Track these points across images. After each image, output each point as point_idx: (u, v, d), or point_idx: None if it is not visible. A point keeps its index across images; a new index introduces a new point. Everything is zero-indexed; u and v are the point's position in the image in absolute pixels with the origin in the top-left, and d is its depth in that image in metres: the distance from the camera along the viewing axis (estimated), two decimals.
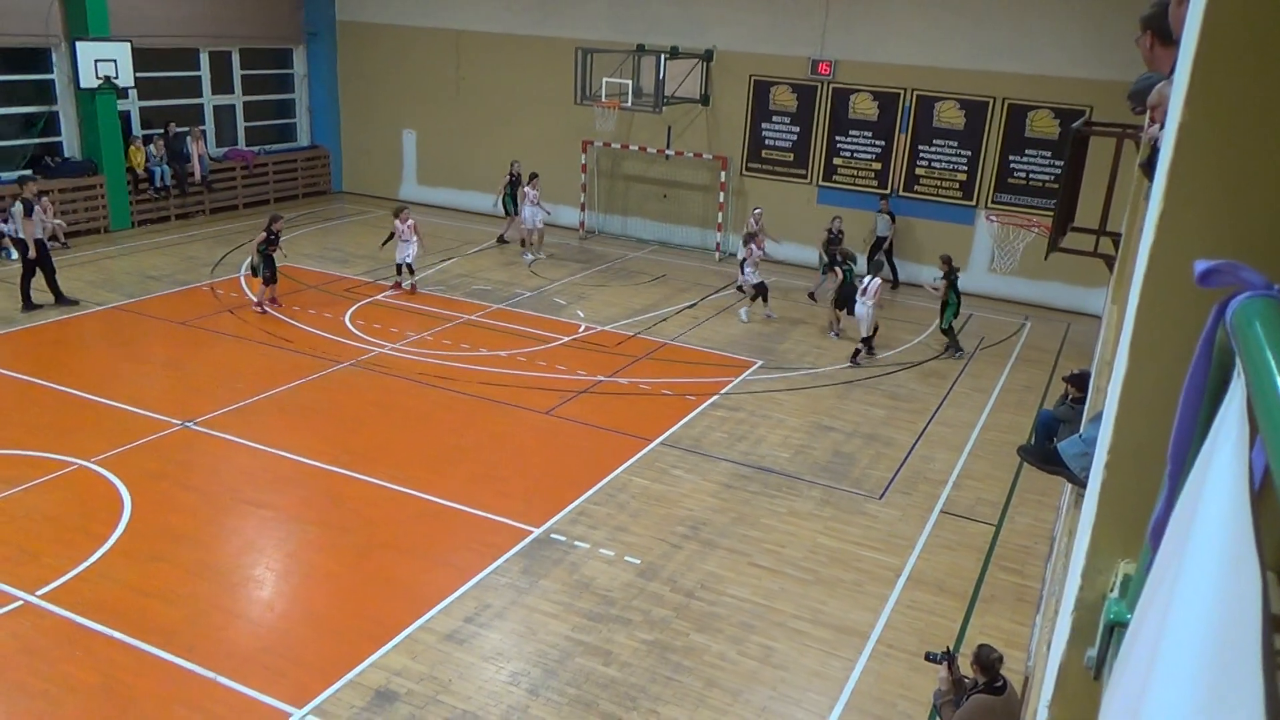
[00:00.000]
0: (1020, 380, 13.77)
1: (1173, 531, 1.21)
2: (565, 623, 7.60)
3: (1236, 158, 1.59)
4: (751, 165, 19.40)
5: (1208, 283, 1.30)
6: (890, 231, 17.76)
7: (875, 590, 8.34)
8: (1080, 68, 16.29)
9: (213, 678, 6.74)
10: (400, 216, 15.71)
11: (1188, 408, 1.31)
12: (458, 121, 21.90)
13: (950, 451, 11.25)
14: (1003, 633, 7.66)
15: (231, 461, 10.00)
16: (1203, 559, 0.95)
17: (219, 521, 8.94)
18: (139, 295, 15.14)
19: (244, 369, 12.45)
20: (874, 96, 18.14)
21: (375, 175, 23.31)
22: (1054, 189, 16.28)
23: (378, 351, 13.21)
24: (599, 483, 9.89)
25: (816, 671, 7.25)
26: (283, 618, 7.62)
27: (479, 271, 17.52)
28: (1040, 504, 9.98)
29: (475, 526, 8.97)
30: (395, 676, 6.88)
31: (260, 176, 21.74)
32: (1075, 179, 9.34)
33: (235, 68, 21.46)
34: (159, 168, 19.39)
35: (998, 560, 8.96)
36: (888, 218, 17.72)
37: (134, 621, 7.28)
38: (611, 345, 14.07)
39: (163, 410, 10.94)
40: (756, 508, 9.62)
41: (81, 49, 17.66)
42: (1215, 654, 0.77)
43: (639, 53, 18.73)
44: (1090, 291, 16.50)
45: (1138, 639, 1.21)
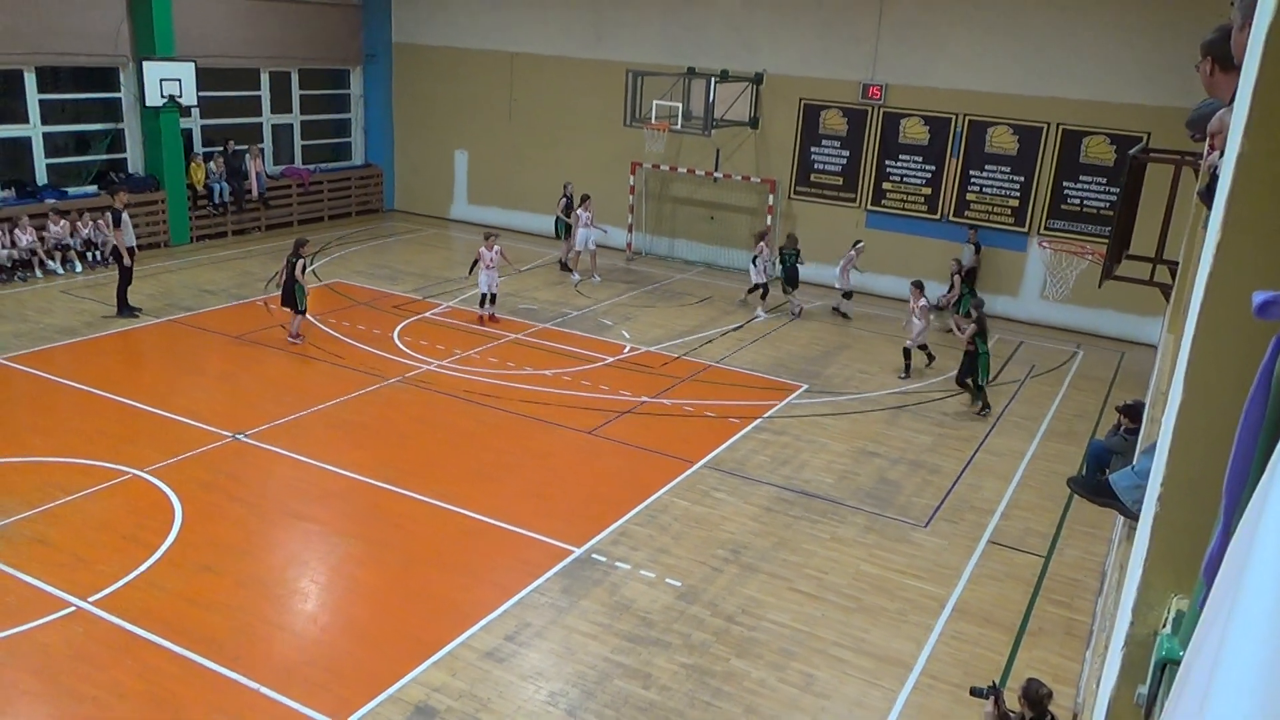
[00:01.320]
0: (1071, 409, 13.52)
1: (1228, 567, 1.18)
2: (604, 644, 7.58)
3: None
4: (800, 189, 19.37)
5: (1266, 314, 1.27)
6: (975, 261, 17.45)
7: (919, 620, 8.20)
8: (1137, 93, 16.06)
9: (256, 688, 6.82)
10: (488, 243, 15.32)
11: (1244, 440, 1.29)
12: (509, 142, 22.18)
13: (999, 480, 11.07)
14: (1050, 667, 7.49)
15: (279, 474, 10.16)
16: (1258, 596, 0.93)
17: (266, 533, 9.07)
18: (196, 309, 15.49)
19: (294, 383, 12.66)
20: (925, 121, 18.03)
21: (427, 194, 23.67)
22: (1109, 216, 16.03)
23: (425, 368, 13.36)
24: (641, 504, 9.87)
25: (858, 701, 7.14)
26: (325, 630, 7.70)
27: (526, 291, 17.66)
28: (1091, 536, 9.76)
29: (517, 545, 9.00)
30: (435, 693, 6.90)
31: (315, 194, 22.18)
32: (1131, 206, 9.19)
33: (294, 88, 21.97)
34: (218, 184, 19.88)
35: (1046, 593, 8.77)
36: (973, 248, 17.44)
37: (181, 630, 7.40)
38: (656, 366, 14.08)
39: (215, 422, 11.16)
40: (799, 532, 9.54)
41: (148, 68, 18.21)
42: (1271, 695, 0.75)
43: (689, 75, 18.83)
44: (1145, 320, 16.19)
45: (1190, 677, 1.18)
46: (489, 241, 15.39)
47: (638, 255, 20.80)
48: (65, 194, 17.90)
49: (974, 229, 17.62)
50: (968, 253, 17.50)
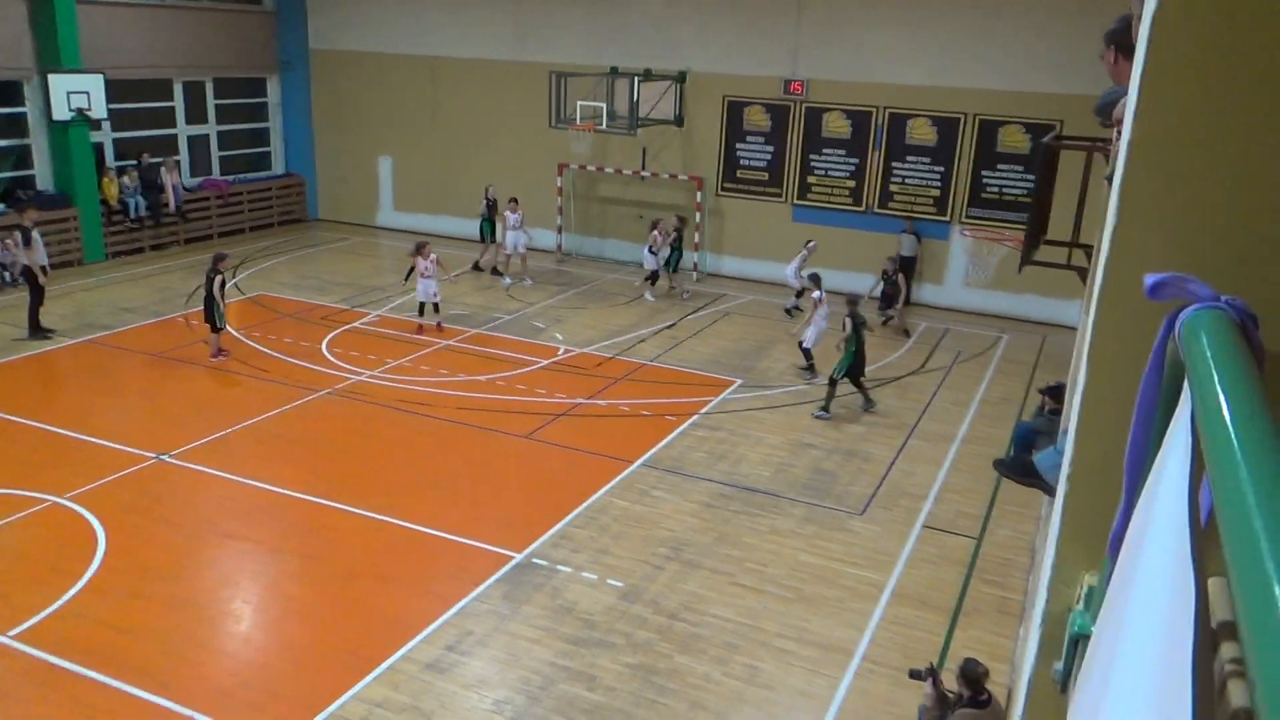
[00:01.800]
0: (998, 393, 13.85)
1: (1128, 545, 1.21)
2: (548, 648, 7.54)
3: (1185, 172, 1.62)
4: (727, 185, 19.51)
5: (1158, 295, 1.32)
6: (915, 252, 17.79)
7: (859, 607, 8.33)
8: (1050, 82, 16.51)
9: (190, 715, 6.64)
10: (422, 252, 15.04)
11: (1141, 420, 1.33)
12: (434, 147, 21.93)
13: (930, 465, 11.29)
14: (986, 645, 7.66)
15: (207, 494, 9.90)
16: (1152, 574, 0.96)
17: (195, 555, 8.83)
18: (114, 327, 15.01)
19: (219, 400, 12.35)
20: (846, 115, 18.30)
21: (352, 202, 23.27)
22: (1026, 203, 16.45)
23: (355, 379, 13.14)
24: (580, 506, 9.85)
25: (802, 690, 7.22)
26: (261, 651, 7.52)
27: (457, 296, 17.48)
28: (1021, 516, 10.02)
29: (456, 553, 8.90)
30: (376, 708, 6.79)
31: (235, 206, 21.66)
32: (1047, 193, 9.44)
33: (209, 97, 21.42)
34: (133, 199, 19.28)
35: (979, 573, 8.98)
36: (914, 238, 17.76)
37: (109, 660, 7.16)
38: (590, 367, 14.05)
39: (137, 444, 10.83)
40: (738, 527, 9.61)
41: (54, 81, 17.58)
42: (1160, 670, 0.78)
43: (613, 75, 18.84)
44: (1065, 303, 16.65)
45: (1097, 652, 1.22)
46: (424, 250, 15.14)
47: (568, 257, 20.75)
48: None
49: (910, 219, 17.94)
50: (908, 242, 17.79)
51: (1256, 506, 0.73)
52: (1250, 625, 0.61)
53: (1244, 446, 0.83)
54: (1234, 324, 1.21)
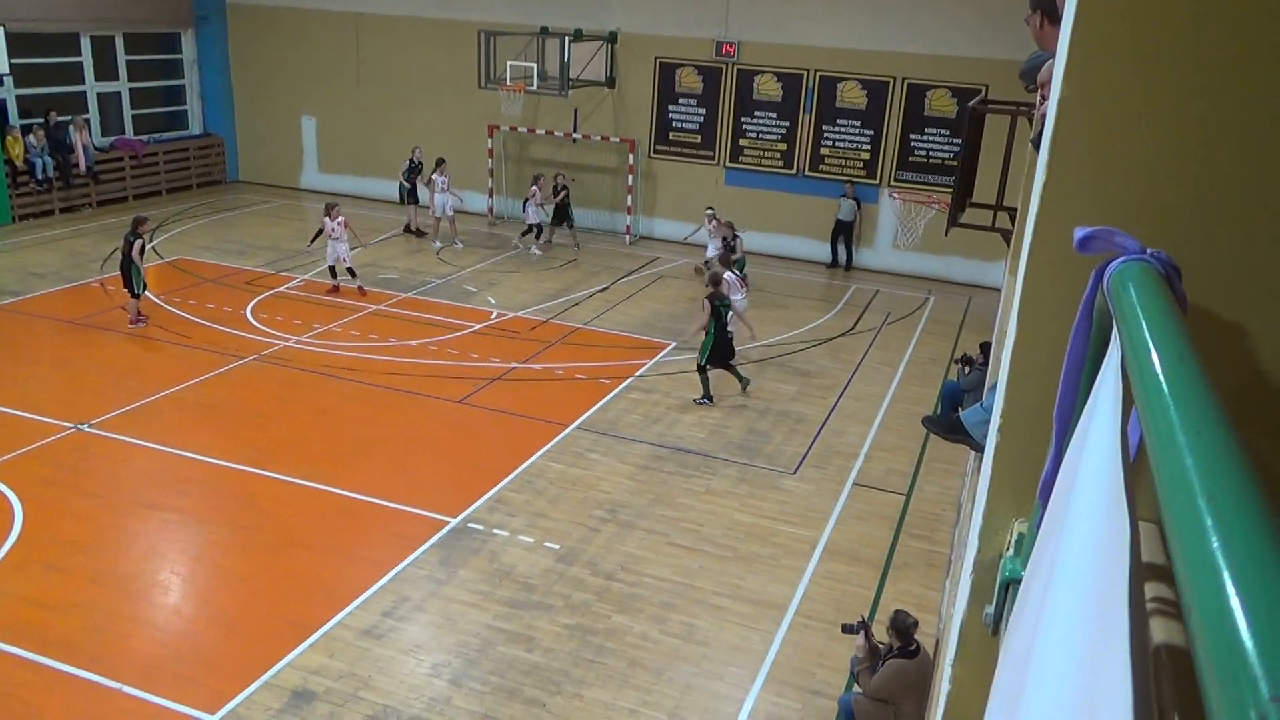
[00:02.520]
0: (926, 353, 14.16)
1: (1059, 489, 1.26)
2: (486, 612, 7.55)
3: (1112, 130, 1.66)
4: (659, 148, 19.44)
5: (1086, 249, 1.35)
6: (854, 216, 17.93)
7: (792, 563, 8.50)
8: (976, 47, 16.75)
9: (118, 688, 6.50)
10: (331, 214, 14.76)
11: (1071, 370, 1.37)
12: (359, 107, 21.38)
13: (861, 425, 11.52)
14: (914, 598, 7.90)
15: (130, 464, 9.63)
16: (1083, 515, 0.99)
17: (119, 527, 8.60)
18: (23, 293, 14.41)
19: (140, 367, 11.98)
20: (778, 78, 18.34)
21: (274, 163, 22.60)
22: (953, 166, 16.73)
23: (281, 345, 12.86)
24: (515, 470, 9.83)
25: (737, 646, 7.36)
26: (192, 623, 7.38)
27: (385, 260, 17.18)
28: (947, 472, 10.30)
29: (390, 519, 8.83)
30: (313, 675, 6.74)
31: (150, 167, 20.88)
32: (973, 156, 9.61)
33: (120, 53, 20.52)
34: (40, 159, 18.44)
35: (908, 529, 9.22)
36: (853, 202, 17.88)
37: (31, 635, 6.96)
38: (524, 331, 13.97)
39: (53, 413, 10.45)
40: (673, 488, 9.70)
41: None
42: (1092, 607, 0.81)
43: (543, 35, 18.55)
44: (990, 265, 17.04)
45: (1028, 594, 1.26)
46: (333, 211, 14.84)
47: (500, 220, 20.50)
48: None
49: (850, 183, 18.07)
50: (846, 206, 17.95)
51: (1187, 446, 0.76)
52: (1183, 557, 0.64)
53: (1173, 389, 0.86)
54: (1159, 275, 1.25)
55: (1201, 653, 0.55)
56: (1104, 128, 1.67)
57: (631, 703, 6.66)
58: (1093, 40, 1.67)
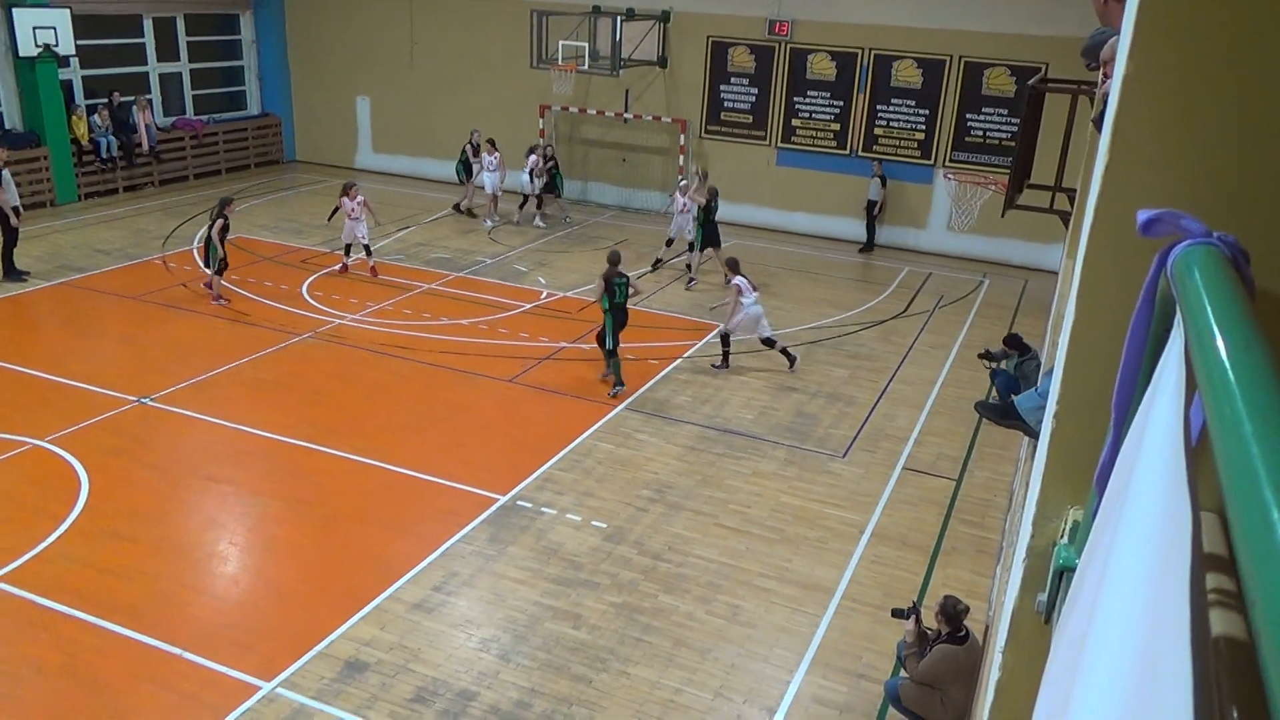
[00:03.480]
0: (979, 336, 13.92)
1: (1116, 477, 1.23)
2: (534, 588, 7.64)
3: (1179, 110, 1.61)
4: (711, 128, 19.31)
5: (1150, 232, 1.32)
6: (881, 196, 17.73)
7: (839, 547, 8.46)
8: (1036, 24, 16.35)
9: (179, 654, 6.70)
10: (349, 193, 14.87)
11: (1131, 356, 1.34)
12: (413, 87, 21.54)
13: (911, 409, 11.39)
14: (963, 584, 7.82)
15: (190, 437, 9.87)
16: (1143, 503, 0.97)
17: (179, 498, 8.84)
18: (89, 270, 14.81)
19: (200, 343, 12.26)
20: (832, 56, 18.09)
21: (329, 143, 22.90)
22: (1010, 146, 16.39)
23: (337, 323, 13.06)
24: (564, 449, 9.90)
25: (783, 628, 7.36)
26: (248, 592, 7.58)
27: (437, 240, 17.34)
28: (1000, 458, 10.16)
29: (440, 496, 8.95)
30: (365, 647, 6.88)
31: (210, 146, 21.27)
32: (1031, 136, 9.41)
33: (180, 34, 20.90)
34: (105, 138, 18.89)
35: (958, 514, 9.12)
36: (879, 181, 17.67)
37: (96, 600, 7.20)
38: (574, 311, 14.02)
39: (118, 387, 10.76)
40: (721, 469, 9.69)
41: (18, 15, 17.09)
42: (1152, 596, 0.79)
43: (595, 14, 18.49)
44: (1047, 248, 16.70)
45: (1083, 582, 1.24)
46: (351, 191, 14.88)
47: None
48: None
49: (879, 162, 17.83)
50: (874, 187, 17.75)
51: (1253, 434, 0.74)
52: (1249, 549, 0.62)
53: (1239, 377, 0.84)
54: (1226, 259, 1.21)
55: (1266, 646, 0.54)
56: (1170, 107, 1.63)
57: (677, 681, 6.70)
58: (1159, 16, 1.62)
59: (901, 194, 18.06)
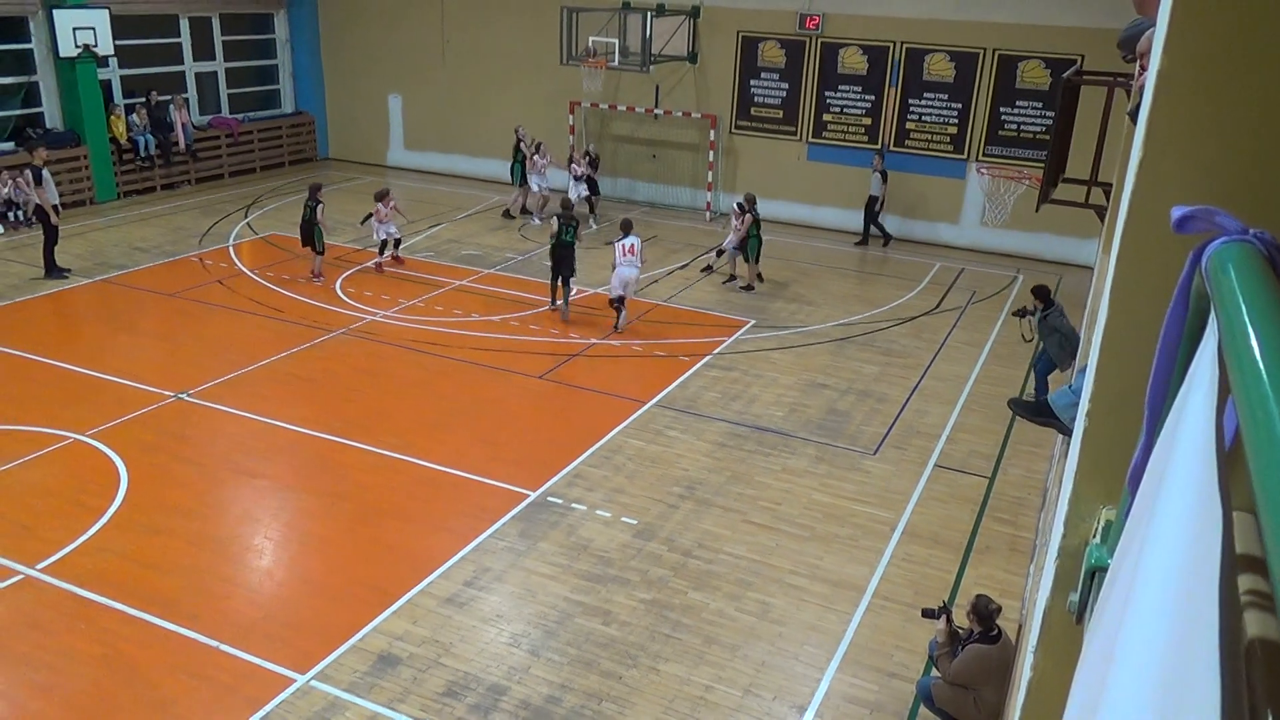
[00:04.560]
0: (1012, 333, 13.77)
1: (1149, 476, 1.22)
2: (564, 584, 7.67)
3: (1215, 104, 1.59)
4: (741, 123, 19.26)
5: (1185, 228, 1.30)
6: (881, 191, 17.40)
7: (870, 544, 8.42)
8: (1071, 15, 16.13)
9: (215, 645, 6.81)
10: (384, 200, 15.13)
11: (1165, 353, 1.32)
12: (444, 85, 21.67)
13: (943, 406, 11.30)
14: (996, 583, 7.75)
15: (226, 432, 10.01)
16: (1175, 504, 0.96)
17: (215, 492, 8.97)
18: (128, 267, 15.06)
19: (235, 339, 12.43)
20: (863, 50, 17.96)
21: (362, 141, 23.10)
22: (1045, 140, 16.19)
23: (369, 319, 13.18)
24: (594, 445, 9.93)
25: (813, 625, 7.34)
26: (283, 585, 7.68)
27: (468, 237, 17.43)
28: (1033, 455, 10.05)
29: (472, 491, 9.01)
30: (397, 641, 6.95)
31: (245, 144, 21.53)
32: (1066, 130, 9.29)
33: (216, 33, 21.16)
34: (143, 137, 19.18)
35: (991, 512, 9.04)
36: (879, 177, 17.35)
37: (134, 592, 7.33)
38: (604, 308, 14.04)
39: (156, 382, 10.93)
40: (752, 466, 9.68)
41: (59, 16, 17.40)
42: (1182, 598, 0.79)
43: (625, 10, 18.49)
44: (1082, 242, 16.49)
45: (1115, 583, 1.23)
46: (385, 199, 15.19)
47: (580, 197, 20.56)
48: None
49: (880, 156, 17.44)
50: (875, 182, 17.35)
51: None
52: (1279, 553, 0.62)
53: (1273, 376, 0.83)
54: (1262, 257, 1.19)
55: None
56: (1206, 100, 1.60)
57: (707, 679, 6.70)
58: (1196, 7, 1.60)
59: (934, 188, 17.89)
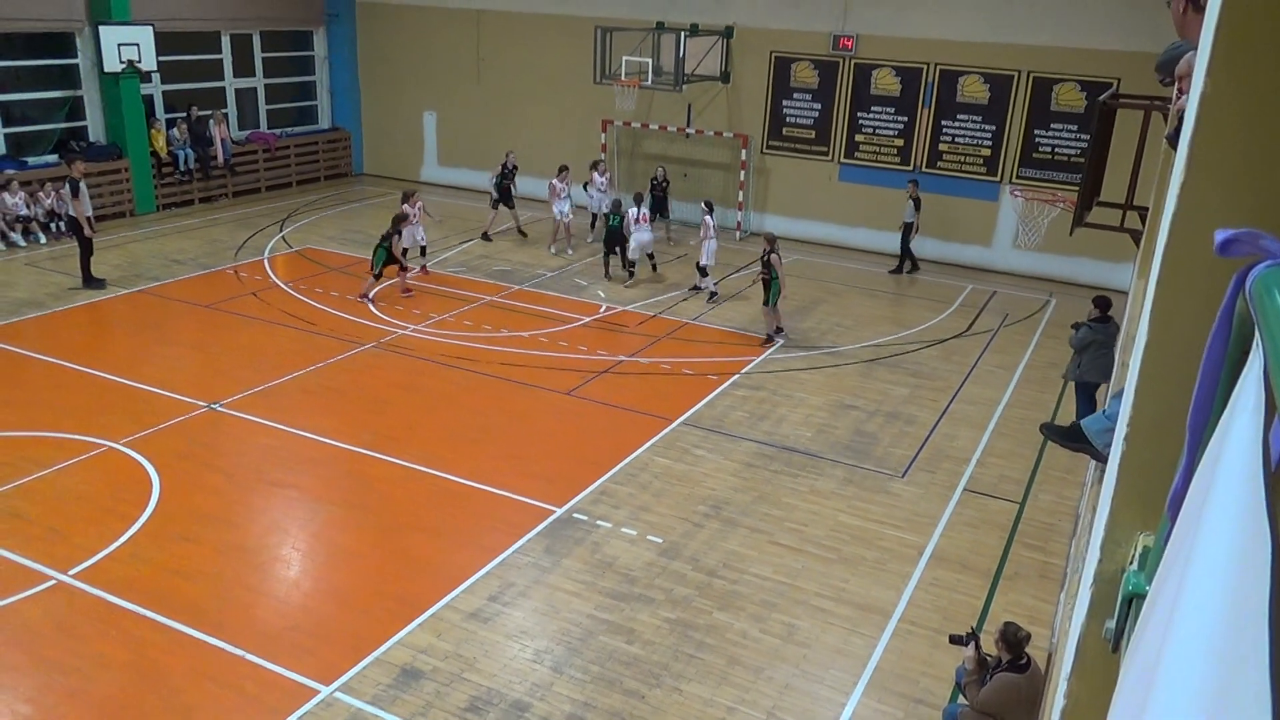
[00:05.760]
0: (1045, 357, 13.65)
1: (1190, 503, 1.20)
2: (588, 601, 7.65)
3: (1259, 127, 1.57)
4: (772, 143, 19.27)
5: (1228, 252, 1.28)
6: (914, 218, 17.05)
7: (898, 568, 8.33)
8: (1107, 38, 16.03)
9: (241, 655, 6.85)
10: (411, 200, 15.32)
11: (1207, 378, 1.30)
12: (478, 102, 21.88)
13: (973, 429, 11.19)
14: (1026, 610, 7.64)
15: (257, 443, 10.11)
16: (1218, 530, 0.94)
17: (245, 502, 9.05)
18: (164, 278, 15.29)
19: (268, 351, 12.56)
20: (896, 72, 17.94)
21: (396, 157, 23.35)
22: (1080, 163, 16.05)
23: (400, 333, 13.28)
24: (621, 463, 9.92)
25: (839, 649, 7.26)
26: (309, 596, 7.72)
27: (499, 253, 17.55)
28: (1064, 481, 9.92)
29: (498, 506, 9.03)
30: (421, 654, 6.95)
31: (282, 159, 21.84)
32: (1102, 153, 9.21)
33: (257, 50, 21.52)
34: (183, 151, 19.51)
35: (1021, 538, 8.92)
36: (912, 204, 16.97)
37: (164, 600, 7.40)
38: (632, 325, 14.06)
39: (189, 392, 11.07)
40: (778, 487, 9.62)
41: (105, 33, 17.77)
42: (1228, 625, 0.77)
43: (659, 30, 18.60)
44: (1117, 267, 16.31)
45: (1154, 610, 1.21)
46: (411, 199, 15.35)
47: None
48: (25, 164, 17.53)
49: (914, 183, 17.15)
50: (909, 209, 17.02)
51: None
52: None
53: None
54: None
55: None
56: (1250, 124, 1.58)
57: (730, 700, 6.65)
58: (1240, 29, 1.58)
59: (967, 211, 17.79)
